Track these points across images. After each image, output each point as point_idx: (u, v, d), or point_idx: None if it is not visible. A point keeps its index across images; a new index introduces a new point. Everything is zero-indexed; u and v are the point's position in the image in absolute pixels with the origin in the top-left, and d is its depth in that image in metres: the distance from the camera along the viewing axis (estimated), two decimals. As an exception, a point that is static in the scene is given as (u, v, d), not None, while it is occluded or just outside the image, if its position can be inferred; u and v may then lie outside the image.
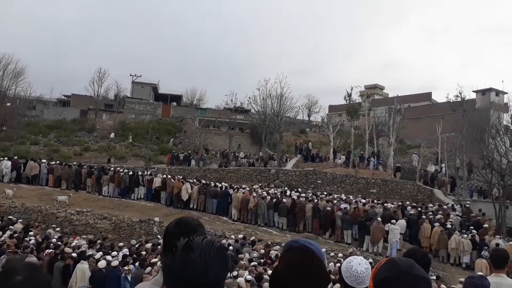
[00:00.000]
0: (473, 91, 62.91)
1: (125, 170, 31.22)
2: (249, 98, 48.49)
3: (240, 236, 21.02)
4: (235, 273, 13.70)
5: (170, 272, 1.65)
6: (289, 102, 44.44)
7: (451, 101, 58.20)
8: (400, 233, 22.27)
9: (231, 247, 18.52)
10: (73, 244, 18.19)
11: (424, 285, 1.75)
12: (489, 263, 15.54)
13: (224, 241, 20.11)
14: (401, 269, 1.76)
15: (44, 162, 31.55)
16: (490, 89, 62.73)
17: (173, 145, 52.18)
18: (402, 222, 22.96)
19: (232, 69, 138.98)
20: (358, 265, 2.53)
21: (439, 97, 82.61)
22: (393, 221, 21.89)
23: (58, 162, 32.65)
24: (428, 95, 75.77)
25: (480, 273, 5.78)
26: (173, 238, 2.40)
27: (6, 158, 31.39)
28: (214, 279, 1.62)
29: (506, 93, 56.27)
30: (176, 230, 2.45)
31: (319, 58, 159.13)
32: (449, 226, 22.37)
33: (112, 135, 54.07)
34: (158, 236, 22.06)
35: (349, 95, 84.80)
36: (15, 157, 32.48)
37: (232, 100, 58.49)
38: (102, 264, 14.38)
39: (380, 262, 1.91)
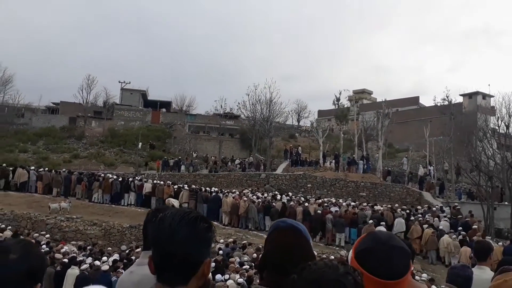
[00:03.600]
0: (460, 95, 63.63)
1: (115, 177, 31.09)
2: (239, 103, 48.57)
3: (231, 240, 21.02)
4: (226, 276, 13.74)
5: (148, 240, 1.72)
6: (279, 107, 44.64)
7: (439, 104, 58.74)
8: (400, 231, 22.45)
9: (221, 251, 18.53)
10: (63, 250, 18.09)
11: (402, 255, 1.82)
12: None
13: (213, 245, 20.13)
14: (380, 240, 1.84)
15: (33, 169, 31.39)
16: (477, 93, 63.40)
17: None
18: (401, 220, 23.17)
19: (222, 75, 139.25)
20: None
21: (427, 101, 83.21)
22: (383, 223, 22.01)
23: (47, 169, 32.46)
24: (415, 99, 76.35)
25: (462, 262, 5.84)
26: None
27: (-6, 165, 31.16)
28: (182, 249, 1.64)
29: (493, 96, 56.95)
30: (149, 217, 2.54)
31: (308, 64, 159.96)
32: (441, 227, 22.57)
33: (140, 145, 50.08)
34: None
35: (338, 99, 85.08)
36: (4, 165, 32.23)
37: (221, 106, 58.60)
38: (83, 266, 14.39)
39: (361, 236, 1.99)
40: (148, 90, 74.91)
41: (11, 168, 31.26)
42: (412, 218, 23.82)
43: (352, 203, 27.10)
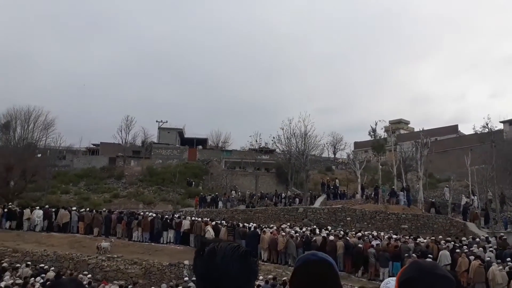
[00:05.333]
0: (500, 122, 62.02)
1: (154, 215, 31.35)
2: (274, 138, 48.62)
3: (270, 276, 20.72)
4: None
5: (197, 275, 1.73)
6: (314, 140, 44.45)
7: (478, 132, 57.31)
8: (446, 264, 21.57)
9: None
10: (105, 290, 18.23)
11: (446, 284, 1.78)
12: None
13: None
14: (424, 269, 1.81)
15: (75, 210, 32.05)
16: (517, 119, 61.72)
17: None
18: (445, 253, 22.37)
19: (256, 110, 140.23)
20: None
21: (466, 129, 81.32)
22: (430, 255, 21.30)
23: (88, 209, 33.11)
24: (454, 128, 74.89)
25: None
26: None
27: (38, 207, 32.01)
28: (236, 283, 1.66)
29: (535, 121, 55.31)
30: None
31: (344, 96, 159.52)
32: (488, 258, 21.68)
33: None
34: (186, 279, 21.93)
35: (374, 130, 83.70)
36: (47, 206, 33.08)
37: (256, 141, 58.67)
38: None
39: (405, 265, 1.96)
40: (185, 128, 76.35)
41: (53, 210, 32.02)
42: (458, 250, 22.93)
43: (394, 236, 26.38)
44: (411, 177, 47.80)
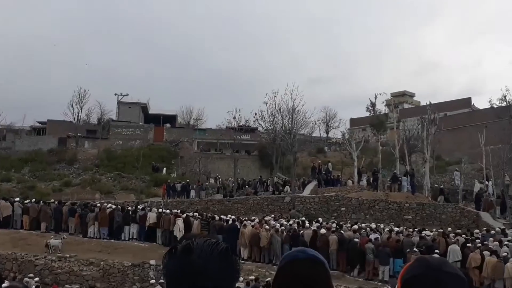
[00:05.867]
0: (520, 93, 62.69)
1: (113, 207, 31.20)
2: (256, 114, 48.49)
3: (252, 277, 20.89)
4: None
5: (169, 275, 1.71)
6: (303, 116, 44.48)
7: (495, 106, 57.97)
8: (455, 261, 21.91)
9: (241, 291, 18.42)
10: (55, 295, 18.21)
11: (457, 283, 1.78)
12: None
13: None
14: (431, 266, 1.80)
15: (18, 201, 31.73)
16: (540, 90, 62.45)
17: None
18: (455, 248, 22.74)
19: (235, 82, 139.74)
20: None
21: (481, 103, 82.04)
22: (437, 251, 21.64)
23: (34, 200, 32.78)
24: (467, 101, 75.63)
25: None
26: None
27: (-27, 198, 31.62)
28: (216, 283, 1.65)
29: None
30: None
31: (337, 65, 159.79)
32: (504, 253, 22.07)
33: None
34: (153, 281, 22.01)
35: (373, 105, 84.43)
36: (-16, 197, 32.70)
37: (235, 118, 58.58)
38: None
39: (409, 262, 1.96)
40: (149, 102, 75.77)
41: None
42: (470, 244, 23.33)
43: (396, 229, 26.74)
44: (416, 159, 48.33)
